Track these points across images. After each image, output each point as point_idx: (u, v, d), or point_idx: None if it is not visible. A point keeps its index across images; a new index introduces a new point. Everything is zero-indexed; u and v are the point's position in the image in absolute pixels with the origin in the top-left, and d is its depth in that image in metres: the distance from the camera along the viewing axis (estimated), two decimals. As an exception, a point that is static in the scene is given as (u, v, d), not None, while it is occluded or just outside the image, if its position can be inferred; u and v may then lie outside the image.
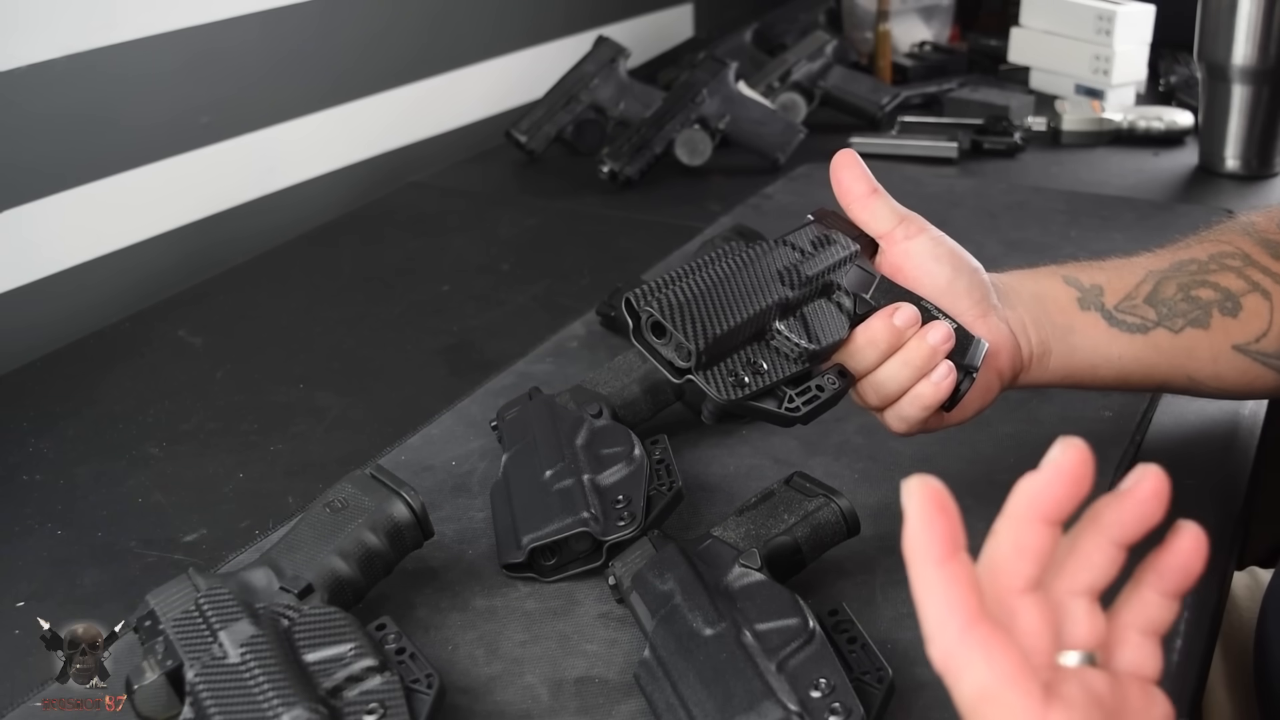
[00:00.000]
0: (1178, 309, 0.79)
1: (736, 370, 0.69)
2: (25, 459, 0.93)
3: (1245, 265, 0.81)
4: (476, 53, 1.71)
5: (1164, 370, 0.81)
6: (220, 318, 1.18)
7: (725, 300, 0.69)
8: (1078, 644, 0.45)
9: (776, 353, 0.71)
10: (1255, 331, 0.80)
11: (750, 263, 0.71)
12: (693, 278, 0.69)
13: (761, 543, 0.69)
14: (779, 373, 0.71)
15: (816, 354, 0.71)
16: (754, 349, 0.70)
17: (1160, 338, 0.79)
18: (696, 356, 0.67)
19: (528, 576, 0.75)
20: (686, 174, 1.49)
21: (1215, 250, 0.82)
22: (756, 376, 0.70)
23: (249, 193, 1.41)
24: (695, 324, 0.67)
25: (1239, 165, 1.44)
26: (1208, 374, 0.81)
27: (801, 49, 1.68)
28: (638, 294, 0.68)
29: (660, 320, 0.67)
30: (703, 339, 0.67)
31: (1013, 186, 1.44)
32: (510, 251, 1.31)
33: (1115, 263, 0.82)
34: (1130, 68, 1.71)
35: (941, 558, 0.42)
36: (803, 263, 0.72)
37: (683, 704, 0.60)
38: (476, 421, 0.93)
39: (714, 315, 0.68)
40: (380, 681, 0.59)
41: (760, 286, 0.70)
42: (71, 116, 1.20)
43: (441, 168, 1.61)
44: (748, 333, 0.70)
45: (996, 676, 0.41)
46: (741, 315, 0.69)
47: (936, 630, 0.42)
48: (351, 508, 0.71)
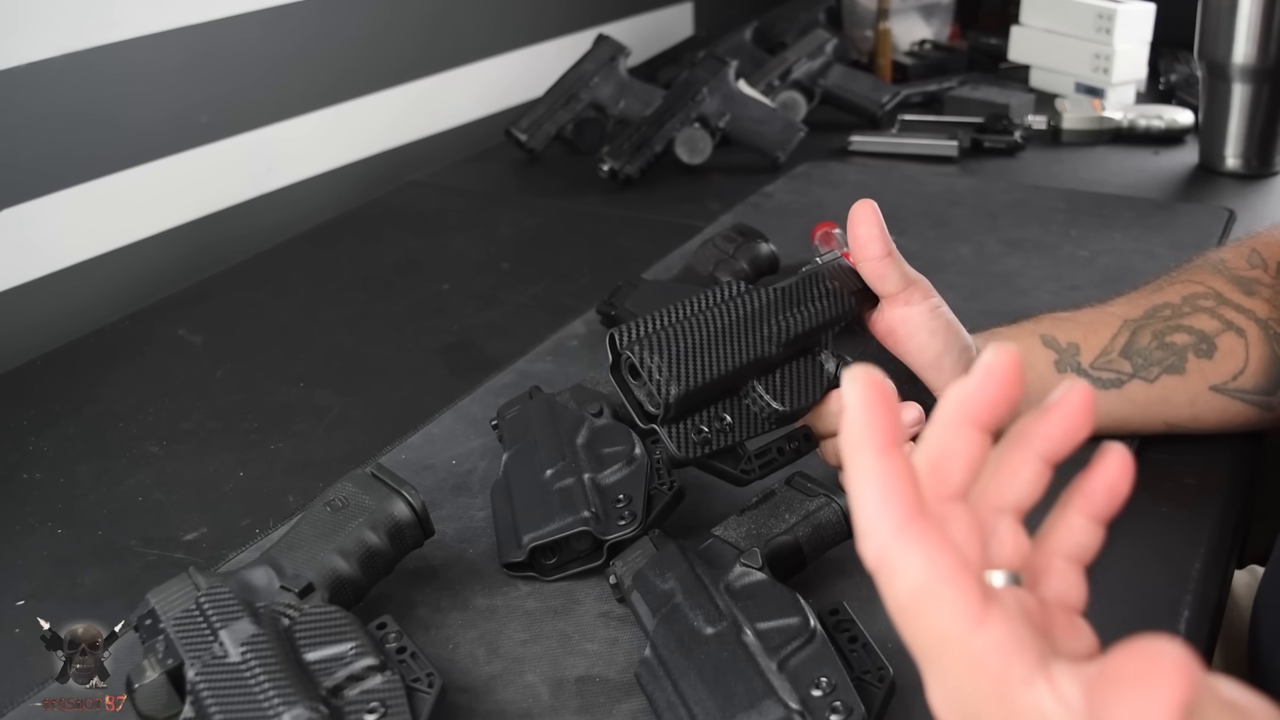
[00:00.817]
0: (1153, 358, 0.80)
1: (701, 426, 0.70)
2: (25, 457, 0.93)
3: (1218, 304, 0.82)
4: (476, 51, 1.71)
5: (1138, 421, 0.82)
6: (220, 316, 1.18)
7: (708, 356, 0.69)
8: (1003, 563, 0.43)
9: (746, 411, 0.72)
10: (1232, 370, 0.81)
11: (744, 320, 0.71)
12: (682, 327, 0.69)
13: (762, 542, 0.69)
14: (744, 432, 0.72)
15: (786, 417, 0.72)
16: (725, 404, 0.71)
17: (1135, 390, 0.80)
18: (665, 410, 0.68)
19: (528, 575, 0.75)
20: (687, 172, 1.49)
21: (1188, 292, 0.83)
22: (719, 435, 0.71)
23: (248, 191, 1.41)
24: (672, 379, 0.68)
25: (1239, 164, 1.44)
26: (1185, 417, 0.82)
27: (801, 47, 1.68)
28: (623, 334, 0.69)
29: (637, 368, 0.68)
30: (675, 394, 0.68)
31: (1013, 185, 1.44)
32: (510, 250, 1.31)
33: (1091, 314, 0.83)
34: (1130, 66, 1.71)
35: (882, 448, 0.40)
36: (796, 324, 0.72)
37: (684, 703, 0.59)
38: (477, 420, 0.93)
39: (693, 371, 0.69)
40: (381, 680, 0.59)
41: (748, 344, 0.71)
42: (70, 115, 1.20)
43: (441, 166, 1.61)
44: (723, 388, 0.71)
45: (934, 573, 0.39)
46: (721, 372, 0.70)
47: (872, 524, 0.39)
48: (352, 506, 0.71)
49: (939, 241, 1.25)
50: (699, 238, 1.24)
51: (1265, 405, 0.82)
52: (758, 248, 1.09)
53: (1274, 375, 0.81)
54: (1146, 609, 0.70)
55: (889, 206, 1.34)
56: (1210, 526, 0.78)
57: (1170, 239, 1.24)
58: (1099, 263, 1.18)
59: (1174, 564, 0.74)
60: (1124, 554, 0.74)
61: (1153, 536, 0.77)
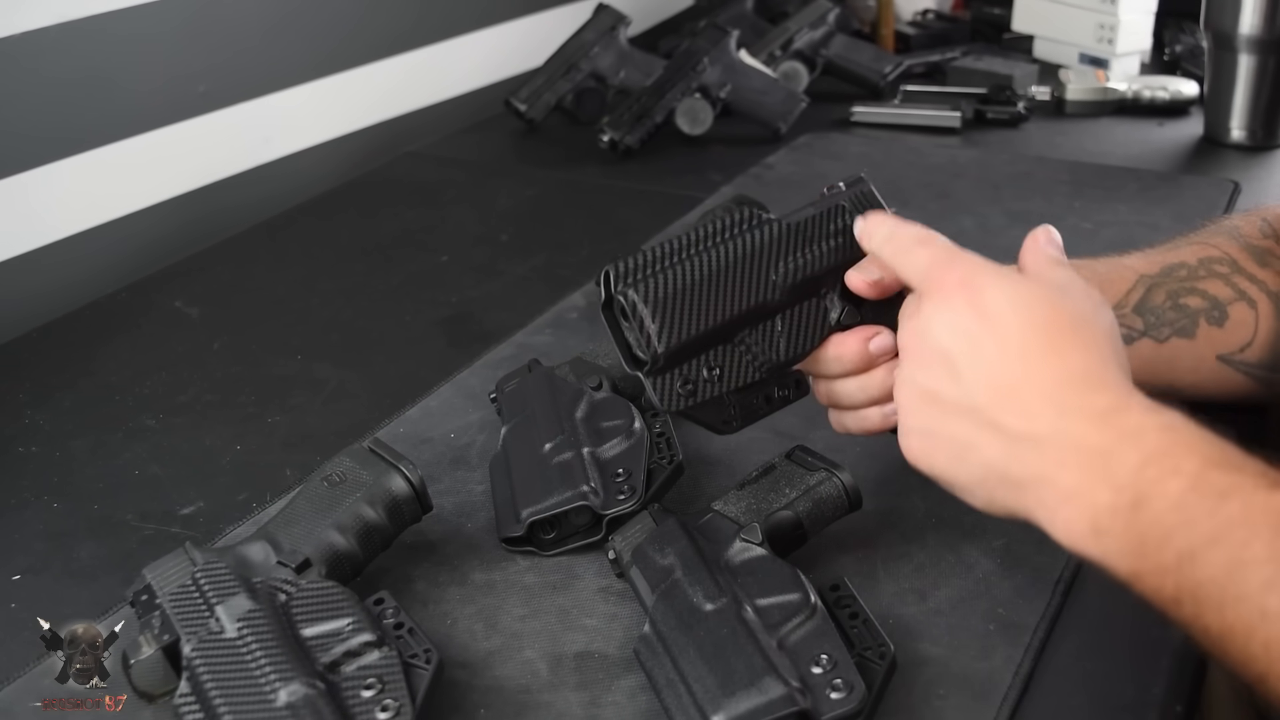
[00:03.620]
0: (1165, 318, 0.80)
1: (690, 375, 0.67)
2: (21, 431, 0.92)
3: (1233, 272, 0.81)
4: (475, 20, 1.70)
5: (1142, 380, 0.81)
6: (217, 288, 1.17)
7: (706, 303, 0.66)
8: None
9: (738, 359, 0.68)
10: (1240, 341, 0.80)
11: (749, 258, 0.67)
12: (683, 266, 0.66)
13: (763, 517, 0.68)
14: (734, 381, 0.68)
15: (779, 367, 0.69)
16: (715, 352, 0.68)
17: (1144, 348, 0.79)
18: (653, 362, 0.66)
19: (527, 550, 0.74)
20: (687, 143, 1.48)
21: (1204, 255, 0.82)
22: (708, 385, 0.67)
23: (246, 162, 1.39)
24: (664, 331, 0.65)
25: (1244, 136, 1.43)
26: (1186, 383, 0.81)
27: (803, 17, 1.66)
28: (620, 271, 0.66)
29: (629, 312, 0.65)
30: (666, 348, 0.65)
31: (1016, 156, 1.43)
32: (509, 222, 1.30)
33: (1107, 265, 0.82)
34: (1135, 36, 1.69)
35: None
36: (805, 265, 0.69)
37: (683, 679, 0.59)
38: (475, 394, 0.92)
39: (688, 322, 0.66)
40: (378, 656, 0.58)
41: (751, 286, 0.67)
42: (66, 85, 1.19)
43: (440, 137, 1.60)
44: (718, 336, 0.67)
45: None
46: (718, 320, 0.67)
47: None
48: (349, 482, 0.70)
49: (941, 214, 1.24)
50: (699, 209, 1.23)
51: (1269, 382, 0.81)
52: (759, 220, 1.08)
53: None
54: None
55: (891, 178, 1.34)
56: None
57: (1174, 211, 1.23)
58: (1103, 235, 1.17)
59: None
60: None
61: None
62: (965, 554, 0.72)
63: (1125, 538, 0.54)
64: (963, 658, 0.64)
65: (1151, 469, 0.54)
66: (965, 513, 0.75)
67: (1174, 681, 0.63)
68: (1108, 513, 0.54)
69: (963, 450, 0.61)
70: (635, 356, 0.67)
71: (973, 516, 0.75)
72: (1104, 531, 0.55)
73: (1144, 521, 0.53)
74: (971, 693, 0.62)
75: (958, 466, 0.62)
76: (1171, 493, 0.53)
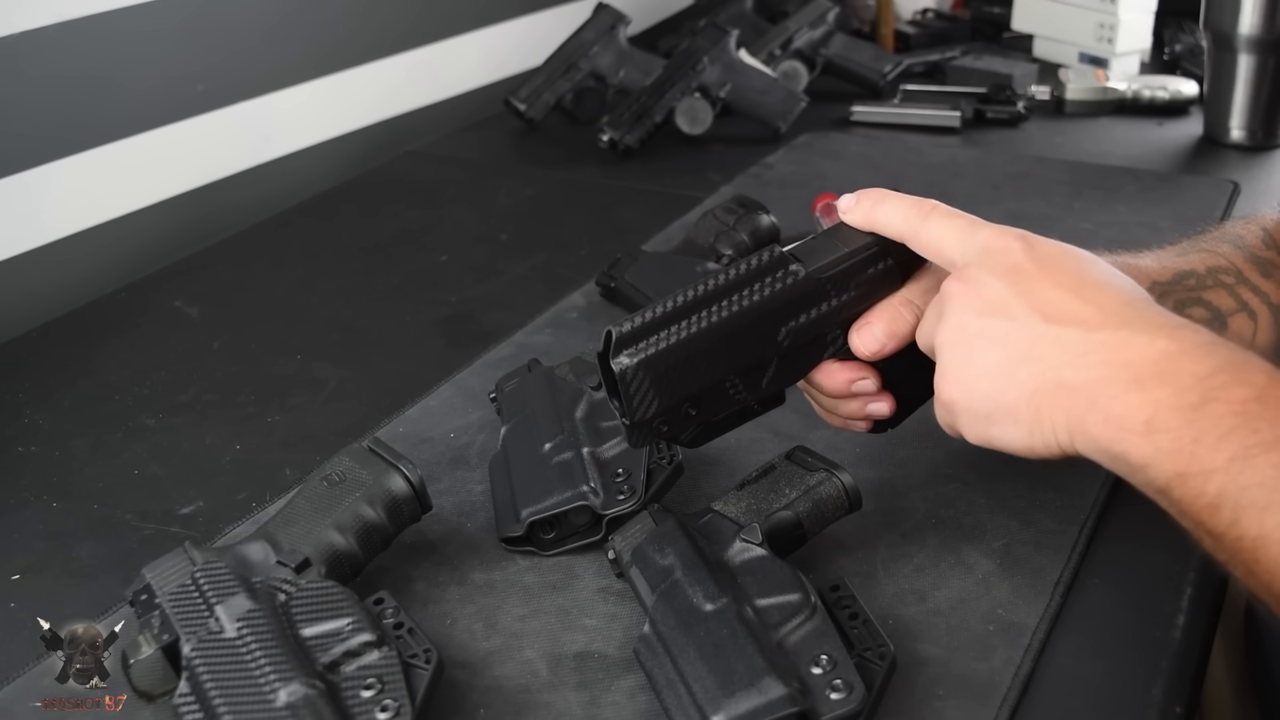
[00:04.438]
0: None
1: (670, 418, 0.67)
2: (21, 430, 0.92)
3: (1237, 283, 0.82)
4: (475, 19, 1.70)
5: None
6: (217, 288, 1.17)
7: (708, 366, 0.66)
8: None
9: (718, 398, 0.68)
10: None
11: (760, 317, 0.66)
12: (689, 330, 0.65)
13: (762, 517, 0.68)
14: (712, 415, 0.69)
15: (763, 401, 0.70)
16: (699, 398, 0.68)
17: None
18: (633, 428, 0.67)
19: (527, 550, 0.74)
20: (687, 143, 1.48)
21: (1212, 264, 0.82)
22: (681, 421, 0.68)
23: (245, 161, 1.39)
24: (661, 397, 0.66)
25: (1244, 136, 1.43)
26: None
27: (803, 16, 1.66)
28: (623, 336, 0.65)
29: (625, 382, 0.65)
30: (659, 410, 0.66)
31: (1016, 156, 1.43)
32: (509, 221, 1.30)
33: (1123, 264, 0.82)
34: (1135, 36, 1.69)
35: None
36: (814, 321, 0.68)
37: (683, 680, 0.59)
38: (475, 393, 0.92)
39: (686, 384, 0.66)
40: (378, 656, 0.58)
41: (756, 346, 0.67)
42: (66, 84, 1.19)
43: (439, 136, 1.59)
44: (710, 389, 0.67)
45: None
46: (716, 379, 0.67)
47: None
48: (349, 481, 0.70)
49: (941, 213, 1.24)
50: (699, 209, 1.23)
51: None
52: (759, 219, 1.08)
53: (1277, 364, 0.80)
54: (1148, 586, 0.70)
55: (891, 177, 1.34)
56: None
57: (1174, 212, 1.23)
58: (1102, 236, 1.17)
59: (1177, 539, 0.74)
60: (1127, 530, 0.74)
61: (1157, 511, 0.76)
62: (965, 555, 0.72)
63: (1180, 435, 0.54)
64: (962, 658, 0.64)
65: (1219, 376, 0.54)
66: (965, 513, 0.75)
67: (1174, 682, 0.63)
68: (1168, 409, 0.54)
69: (1015, 367, 0.60)
70: (621, 406, 0.67)
71: (972, 517, 0.75)
72: (1159, 429, 0.54)
73: (1204, 420, 0.53)
74: (971, 693, 0.62)
75: (1005, 386, 0.61)
76: (1235, 399, 0.53)
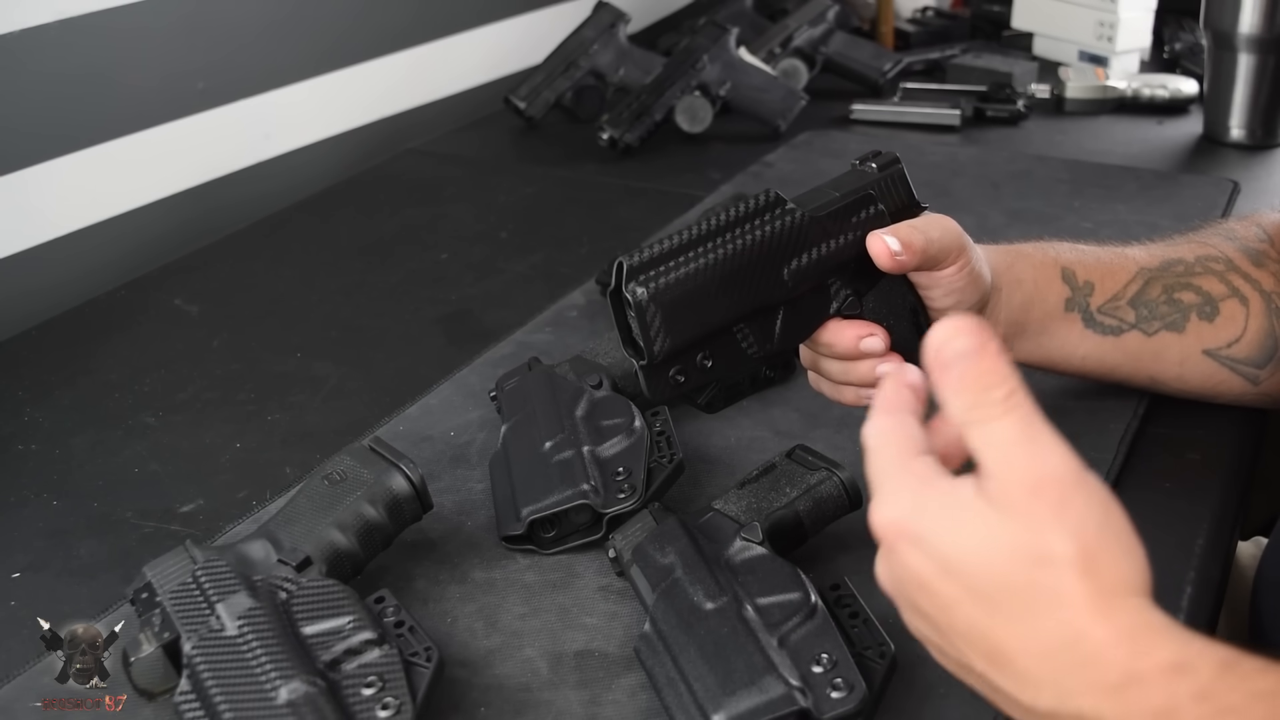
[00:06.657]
0: (1158, 311, 0.81)
1: (685, 365, 0.66)
2: (20, 428, 0.92)
3: (1228, 270, 0.82)
4: (475, 17, 1.69)
5: (1126, 370, 0.83)
6: (216, 286, 1.17)
7: (717, 301, 0.65)
8: None
9: (734, 347, 0.67)
10: (1229, 337, 0.81)
11: (765, 253, 0.66)
12: (698, 263, 0.65)
13: (763, 516, 0.68)
14: (727, 368, 0.68)
15: (774, 354, 0.69)
16: (712, 344, 0.67)
17: (1131, 340, 0.81)
18: (652, 357, 0.65)
19: (527, 549, 0.74)
20: (687, 141, 1.48)
21: (1201, 253, 0.84)
22: (700, 373, 0.67)
23: (245, 159, 1.39)
24: (673, 330, 0.64)
25: (1244, 135, 1.43)
26: (1171, 375, 0.83)
27: (803, 14, 1.66)
28: (634, 265, 0.65)
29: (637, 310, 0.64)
30: (672, 345, 0.65)
31: (1015, 155, 1.43)
32: (509, 219, 1.30)
33: (1111, 256, 0.83)
34: (1135, 34, 1.69)
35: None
36: (822, 258, 0.68)
37: (683, 678, 0.59)
38: (475, 392, 0.92)
39: (696, 320, 0.65)
40: (379, 654, 0.58)
41: (763, 284, 0.66)
42: (66, 82, 1.19)
43: (439, 134, 1.59)
44: (720, 331, 0.67)
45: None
46: (726, 318, 0.66)
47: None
48: (350, 480, 0.70)
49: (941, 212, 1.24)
50: (699, 207, 1.23)
51: (1253, 378, 0.82)
52: (758, 218, 1.08)
53: (1268, 349, 0.81)
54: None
55: (891, 176, 1.34)
56: (1213, 502, 0.78)
57: (1174, 210, 1.23)
58: (1101, 235, 1.16)
59: (1177, 540, 0.74)
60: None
61: (1156, 511, 0.76)
62: (965, 553, 0.72)
63: None
64: (963, 657, 0.64)
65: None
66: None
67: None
68: None
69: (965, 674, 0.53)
70: (635, 344, 0.66)
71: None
72: None
73: None
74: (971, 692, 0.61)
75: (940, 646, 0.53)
76: None
